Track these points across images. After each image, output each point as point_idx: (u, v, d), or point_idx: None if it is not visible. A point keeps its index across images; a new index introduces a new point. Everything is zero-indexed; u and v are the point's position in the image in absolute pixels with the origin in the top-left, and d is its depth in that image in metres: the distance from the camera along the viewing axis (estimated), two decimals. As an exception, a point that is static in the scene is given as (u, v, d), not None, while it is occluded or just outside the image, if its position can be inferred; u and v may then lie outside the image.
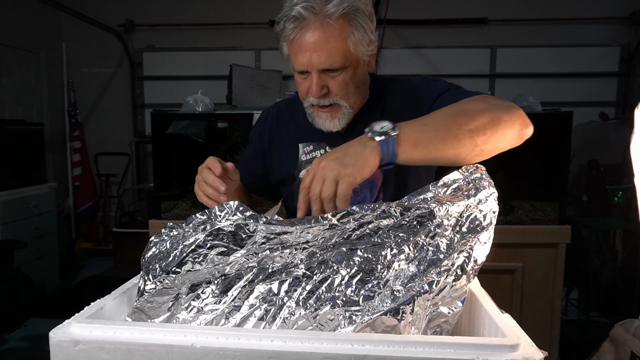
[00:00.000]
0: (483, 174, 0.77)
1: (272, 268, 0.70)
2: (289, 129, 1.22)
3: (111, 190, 5.03)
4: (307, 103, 1.06)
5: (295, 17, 0.95)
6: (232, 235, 0.69)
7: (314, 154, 1.17)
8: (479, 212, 0.73)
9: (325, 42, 0.95)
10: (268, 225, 0.69)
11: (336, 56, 0.96)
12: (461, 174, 0.78)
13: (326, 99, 1.02)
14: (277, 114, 1.26)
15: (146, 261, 0.72)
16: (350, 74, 1.00)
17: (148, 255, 0.72)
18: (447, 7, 4.42)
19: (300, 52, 0.97)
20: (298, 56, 0.98)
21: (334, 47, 0.95)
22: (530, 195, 2.60)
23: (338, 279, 0.68)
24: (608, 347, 1.27)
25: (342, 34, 0.95)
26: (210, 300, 0.70)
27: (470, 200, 0.73)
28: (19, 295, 3.05)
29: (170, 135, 2.53)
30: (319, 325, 0.65)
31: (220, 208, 0.71)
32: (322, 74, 0.99)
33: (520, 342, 0.57)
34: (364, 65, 1.04)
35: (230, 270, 0.70)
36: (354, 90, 1.03)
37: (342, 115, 1.05)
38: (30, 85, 4.47)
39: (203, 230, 0.70)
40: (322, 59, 0.96)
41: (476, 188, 0.74)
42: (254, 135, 1.29)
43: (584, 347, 2.58)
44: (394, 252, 0.69)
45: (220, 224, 0.69)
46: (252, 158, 1.28)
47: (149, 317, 0.71)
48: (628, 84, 4.29)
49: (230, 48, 4.46)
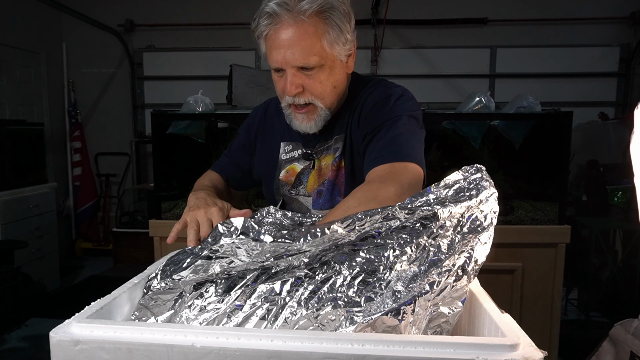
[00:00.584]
0: (483, 175, 0.77)
1: (275, 269, 0.70)
2: (274, 126, 1.22)
3: (111, 190, 5.03)
4: (284, 103, 1.06)
5: (268, 14, 0.95)
6: (237, 248, 0.70)
7: (293, 153, 1.18)
8: (479, 213, 0.73)
9: (299, 39, 0.94)
10: (275, 243, 0.69)
11: (310, 54, 0.95)
12: (462, 174, 0.78)
13: (301, 98, 1.02)
14: (266, 111, 1.26)
15: (167, 262, 0.75)
16: (326, 74, 1.00)
17: (171, 257, 0.76)
18: (447, 7, 4.42)
19: (274, 49, 0.97)
20: (273, 53, 0.98)
21: (308, 44, 0.94)
22: (530, 195, 2.60)
23: (340, 280, 0.68)
24: (608, 347, 1.27)
25: (316, 31, 0.94)
26: (213, 299, 0.70)
27: (472, 201, 0.73)
28: (19, 295, 3.05)
29: (170, 135, 2.53)
30: (320, 326, 0.65)
31: (228, 224, 0.72)
32: (297, 72, 0.98)
33: (520, 342, 0.57)
34: (342, 65, 1.03)
35: (234, 271, 0.71)
36: (330, 90, 1.02)
37: (319, 116, 1.05)
38: (30, 85, 4.47)
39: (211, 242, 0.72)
40: (296, 57, 0.95)
41: (477, 189, 0.74)
42: (243, 130, 1.30)
43: (583, 347, 2.58)
44: (397, 253, 0.69)
45: (227, 239, 0.70)
46: (239, 152, 1.28)
47: (153, 314, 0.72)
48: (628, 84, 4.30)
49: (230, 48, 4.46)
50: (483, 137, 2.48)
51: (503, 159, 2.57)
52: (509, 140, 2.48)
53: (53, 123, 4.73)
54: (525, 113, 2.45)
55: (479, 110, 2.50)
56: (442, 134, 2.52)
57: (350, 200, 0.87)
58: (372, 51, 4.45)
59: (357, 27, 1.04)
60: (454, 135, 2.50)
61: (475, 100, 2.53)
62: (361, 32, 4.46)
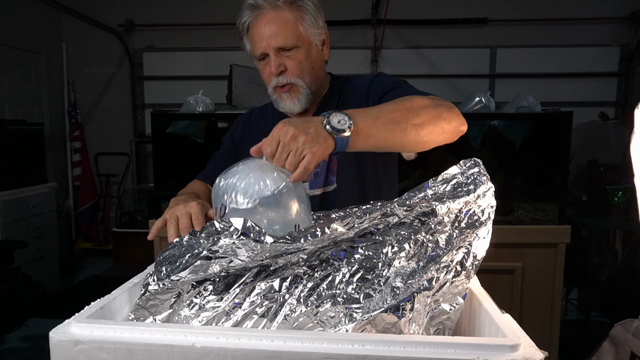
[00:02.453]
0: (481, 169, 0.77)
1: (274, 266, 0.70)
2: (260, 127, 1.31)
3: (111, 190, 5.03)
4: (270, 88, 1.18)
5: (251, 5, 1.11)
6: (237, 249, 0.69)
7: None
8: (477, 208, 0.73)
9: (278, 23, 1.09)
10: (275, 244, 0.68)
11: (289, 35, 1.10)
12: (459, 168, 0.78)
13: (284, 77, 1.14)
14: (249, 117, 1.36)
15: (159, 261, 0.73)
16: (303, 54, 1.13)
17: (163, 255, 0.73)
18: (447, 7, 4.42)
19: (257, 34, 1.11)
20: (256, 40, 1.12)
21: (286, 27, 1.10)
22: (530, 195, 2.60)
23: (339, 277, 0.68)
24: (608, 347, 1.27)
25: (293, 17, 1.10)
26: (212, 298, 0.70)
27: (470, 197, 0.73)
28: (19, 295, 3.05)
29: (170, 135, 2.53)
30: (319, 322, 0.65)
31: (226, 224, 0.71)
32: (278, 53, 1.11)
33: (521, 342, 0.57)
34: (317, 49, 1.17)
35: (232, 269, 0.70)
36: (308, 69, 1.15)
37: (301, 95, 1.16)
38: (30, 85, 4.47)
39: (210, 242, 0.70)
40: (277, 38, 1.09)
41: (475, 183, 0.75)
42: (226, 138, 1.37)
43: (583, 347, 2.58)
44: (395, 249, 0.69)
45: (227, 240, 0.69)
46: (224, 157, 1.34)
47: (151, 314, 0.71)
48: (628, 84, 4.30)
49: (230, 48, 4.45)
50: (483, 137, 2.48)
51: (503, 159, 2.57)
52: (509, 140, 2.48)
53: (53, 123, 4.73)
54: (525, 113, 2.45)
55: (479, 110, 2.50)
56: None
57: (386, 104, 0.92)
58: (372, 51, 4.45)
59: (357, 27, 1.11)
60: (454, 135, 2.49)
61: (475, 100, 2.53)
62: (361, 32, 4.47)
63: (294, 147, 0.79)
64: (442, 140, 0.95)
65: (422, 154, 1.08)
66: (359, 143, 0.86)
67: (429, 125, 0.90)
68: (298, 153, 0.79)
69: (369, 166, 1.20)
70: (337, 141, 0.83)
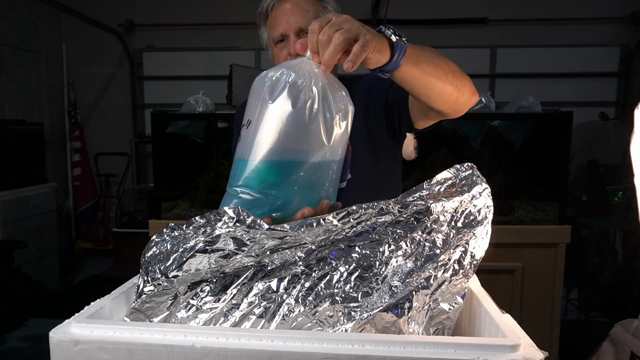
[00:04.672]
0: (474, 172, 0.78)
1: (271, 266, 0.70)
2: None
3: (111, 190, 5.03)
4: None
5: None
6: (233, 240, 0.69)
7: None
8: (473, 207, 0.74)
9: (301, 7, 1.13)
10: (270, 231, 0.68)
11: (310, 18, 1.11)
12: (453, 172, 0.79)
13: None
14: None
15: (146, 261, 0.71)
16: None
17: (148, 255, 0.72)
18: (447, 7, 4.42)
19: (279, 15, 1.13)
20: (277, 21, 1.13)
21: (307, 10, 1.13)
22: (530, 195, 2.60)
23: (337, 276, 0.68)
24: (608, 347, 1.27)
25: (314, 7, 1.14)
26: (209, 299, 0.70)
27: (465, 196, 0.73)
28: (19, 295, 3.05)
29: (170, 135, 2.53)
30: (318, 322, 0.65)
31: (220, 213, 0.71)
32: (299, 35, 1.12)
33: (521, 343, 0.57)
34: None
35: (229, 269, 0.70)
36: None
37: None
38: (30, 85, 4.47)
39: (204, 234, 0.69)
40: (298, 20, 1.11)
41: (469, 185, 0.75)
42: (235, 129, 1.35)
43: (584, 347, 2.58)
44: (392, 248, 0.69)
45: (222, 230, 0.69)
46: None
47: (147, 317, 0.71)
48: (628, 84, 4.30)
49: (230, 48, 4.46)
50: (483, 137, 2.48)
51: (503, 159, 2.57)
52: (509, 140, 2.48)
53: (53, 123, 4.73)
54: (525, 113, 2.45)
55: (479, 110, 2.50)
56: (442, 134, 2.52)
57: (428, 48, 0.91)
58: (372, 51, 4.44)
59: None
60: (454, 135, 2.50)
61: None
62: (361, 32, 4.46)
63: (347, 26, 0.71)
64: (463, 102, 0.97)
65: (422, 154, 1.08)
66: (409, 66, 0.82)
67: (461, 77, 0.94)
68: (351, 31, 0.71)
69: (382, 156, 1.20)
70: (395, 50, 0.78)
